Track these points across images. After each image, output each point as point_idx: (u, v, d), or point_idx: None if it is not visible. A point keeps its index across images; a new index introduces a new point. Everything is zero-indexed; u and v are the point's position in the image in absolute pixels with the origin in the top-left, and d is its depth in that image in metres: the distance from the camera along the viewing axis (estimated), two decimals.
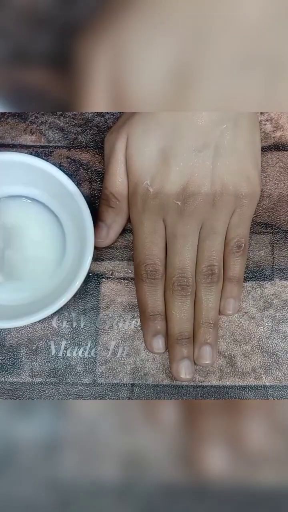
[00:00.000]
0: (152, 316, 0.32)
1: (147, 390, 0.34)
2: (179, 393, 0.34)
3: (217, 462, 0.25)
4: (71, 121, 0.36)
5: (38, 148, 0.35)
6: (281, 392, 0.34)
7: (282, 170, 0.35)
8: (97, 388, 0.34)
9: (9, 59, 0.24)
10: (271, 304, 0.34)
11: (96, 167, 0.35)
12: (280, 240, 0.35)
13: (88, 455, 0.25)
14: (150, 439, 0.25)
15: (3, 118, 0.36)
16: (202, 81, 0.25)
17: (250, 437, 0.25)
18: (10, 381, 0.34)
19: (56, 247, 0.33)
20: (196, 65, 0.25)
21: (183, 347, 0.32)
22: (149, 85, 0.25)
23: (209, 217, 0.32)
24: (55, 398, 0.34)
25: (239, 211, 0.33)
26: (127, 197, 0.33)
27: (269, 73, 0.25)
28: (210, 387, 0.34)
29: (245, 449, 0.25)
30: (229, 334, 0.34)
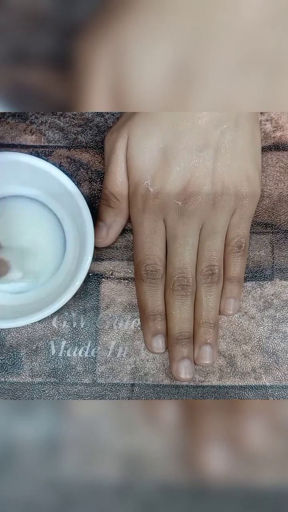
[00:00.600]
0: (152, 316, 0.32)
1: (147, 390, 0.34)
2: (179, 393, 0.34)
3: (217, 462, 0.25)
4: (71, 121, 0.36)
5: (38, 148, 0.35)
6: (281, 392, 0.34)
7: (282, 170, 0.35)
8: (97, 388, 0.34)
9: (9, 59, 0.24)
10: (271, 304, 0.34)
11: (96, 167, 0.35)
12: (280, 240, 0.35)
13: (88, 455, 0.25)
14: (150, 439, 0.25)
15: (3, 118, 0.36)
16: (202, 81, 0.25)
17: (250, 437, 0.25)
18: (10, 381, 0.34)
19: (56, 247, 0.33)
20: (196, 65, 0.25)
21: (183, 347, 0.32)
22: (149, 85, 0.25)
23: (209, 217, 0.32)
24: (55, 398, 0.34)
25: (239, 211, 0.33)
26: (127, 197, 0.33)
27: (269, 73, 0.25)
28: (210, 387, 0.34)
29: (245, 449, 0.25)
30: (229, 334, 0.34)
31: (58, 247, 0.32)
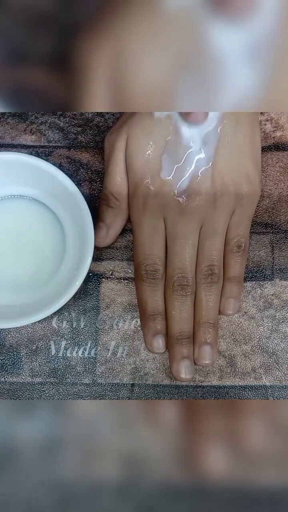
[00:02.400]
0: (152, 316, 0.32)
1: (147, 390, 0.34)
2: (179, 393, 0.34)
3: (217, 462, 0.25)
4: (71, 121, 0.36)
5: (38, 148, 0.35)
6: (281, 392, 0.34)
7: (282, 170, 0.35)
8: (97, 388, 0.34)
9: (9, 59, 0.24)
10: (271, 304, 0.34)
11: (96, 167, 0.35)
12: (280, 240, 0.35)
13: (88, 455, 0.25)
14: (150, 439, 0.25)
15: (3, 118, 0.36)
16: (203, 81, 0.25)
17: (250, 437, 0.25)
18: (10, 381, 0.34)
19: (56, 247, 0.33)
20: (196, 65, 0.25)
21: (183, 347, 0.32)
22: (149, 85, 0.25)
23: (209, 217, 0.32)
24: (55, 398, 0.34)
25: (239, 211, 0.33)
26: (127, 197, 0.33)
27: (270, 73, 0.25)
28: (210, 387, 0.34)
29: (245, 449, 0.25)
30: (229, 334, 0.34)
31: (58, 247, 0.33)
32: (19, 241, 0.33)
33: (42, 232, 0.33)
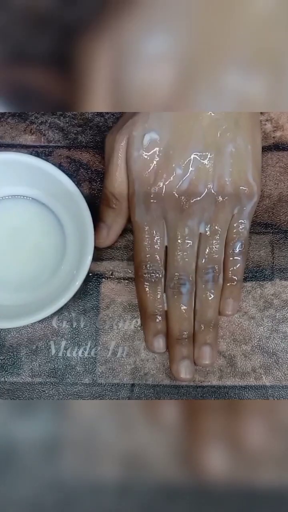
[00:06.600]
0: (152, 316, 0.32)
1: (147, 390, 0.34)
2: (179, 393, 0.34)
3: (217, 462, 0.25)
4: (71, 121, 0.36)
5: (38, 148, 0.35)
6: (281, 392, 0.34)
7: (282, 170, 0.35)
8: (97, 388, 0.34)
9: (9, 59, 0.24)
10: (271, 304, 0.34)
11: (96, 167, 0.35)
12: (280, 240, 0.35)
13: (88, 455, 0.25)
14: (150, 439, 0.25)
15: (3, 118, 0.36)
16: (203, 81, 0.25)
17: (250, 437, 0.25)
18: (10, 381, 0.34)
19: (56, 247, 0.33)
20: (196, 66, 0.25)
21: (183, 347, 0.32)
22: (149, 85, 0.25)
23: (209, 217, 0.32)
24: (55, 398, 0.34)
25: (239, 211, 0.33)
26: (127, 197, 0.33)
27: (270, 73, 0.25)
28: (210, 387, 0.34)
29: (245, 449, 0.25)
30: (229, 334, 0.34)
31: (58, 247, 0.32)
32: (19, 241, 0.33)
33: (42, 232, 0.33)
